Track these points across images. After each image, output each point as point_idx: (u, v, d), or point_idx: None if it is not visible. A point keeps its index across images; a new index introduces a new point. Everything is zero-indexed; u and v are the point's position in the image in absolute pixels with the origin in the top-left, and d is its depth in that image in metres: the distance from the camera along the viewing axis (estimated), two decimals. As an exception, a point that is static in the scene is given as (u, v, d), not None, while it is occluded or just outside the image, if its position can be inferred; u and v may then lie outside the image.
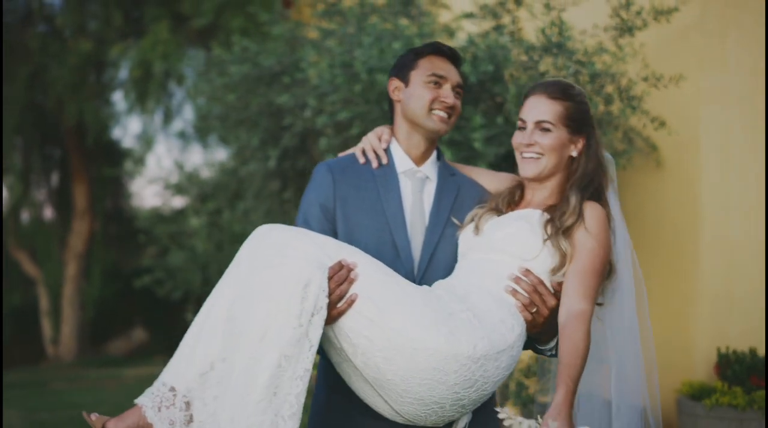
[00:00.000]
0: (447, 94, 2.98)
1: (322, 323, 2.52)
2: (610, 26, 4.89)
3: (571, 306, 2.73)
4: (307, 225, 2.93)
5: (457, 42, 5.24)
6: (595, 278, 2.80)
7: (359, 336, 2.59)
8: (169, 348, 2.61)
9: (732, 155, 5.79)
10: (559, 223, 2.83)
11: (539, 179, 2.96)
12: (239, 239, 6.95)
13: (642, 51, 5.09)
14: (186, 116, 11.15)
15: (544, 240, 2.81)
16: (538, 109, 2.91)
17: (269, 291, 2.49)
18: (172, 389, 2.56)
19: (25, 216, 15.39)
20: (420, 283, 2.90)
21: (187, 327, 2.69)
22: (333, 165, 3.02)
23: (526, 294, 2.79)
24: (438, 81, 2.97)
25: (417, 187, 3.02)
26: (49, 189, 15.44)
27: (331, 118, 4.90)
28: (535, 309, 2.80)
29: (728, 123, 5.79)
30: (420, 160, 3.05)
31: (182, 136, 10.47)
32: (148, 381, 2.74)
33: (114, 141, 13.66)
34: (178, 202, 10.32)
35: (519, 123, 2.96)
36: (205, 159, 9.01)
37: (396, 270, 2.84)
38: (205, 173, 9.52)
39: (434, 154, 3.10)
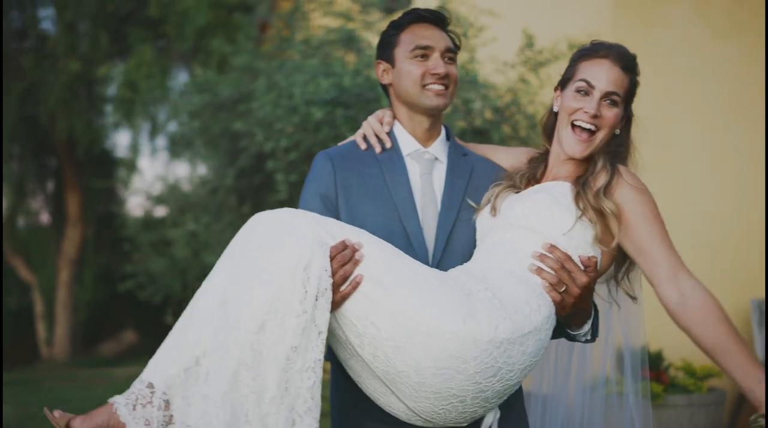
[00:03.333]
0: (436, 64, 2.70)
1: (329, 306, 2.28)
2: (517, 63, 5.64)
3: (688, 286, 2.45)
4: None
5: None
6: (669, 238, 2.54)
7: (366, 323, 2.32)
8: (153, 350, 2.40)
9: (643, 176, 6.50)
10: (593, 183, 2.55)
11: (585, 158, 2.65)
12: (212, 248, 7.63)
13: (546, 84, 5.83)
14: (171, 131, 11.90)
15: (579, 216, 2.53)
16: (611, 77, 2.58)
17: (266, 274, 2.25)
18: (150, 386, 2.29)
19: (21, 223, 15.95)
20: None
21: (168, 329, 2.43)
22: (332, 153, 2.79)
23: (552, 272, 2.49)
24: (424, 53, 2.71)
25: (426, 169, 2.77)
26: (45, 197, 16.05)
27: (276, 144, 5.63)
28: (564, 288, 2.49)
29: (639, 147, 6.50)
30: (427, 140, 2.80)
31: (168, 150, 11.22)
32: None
33: (106, 150, 14.31)
34: (161, 211, 11.01)
35: (580, 84, 2.61)
36: (191, 173, 9.74)
37: None
38: (186, 186, 10.23)
39: (443, 133, 2.85)
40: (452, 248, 2.71)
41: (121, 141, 13.13)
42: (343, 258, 2.34)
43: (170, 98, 7.46)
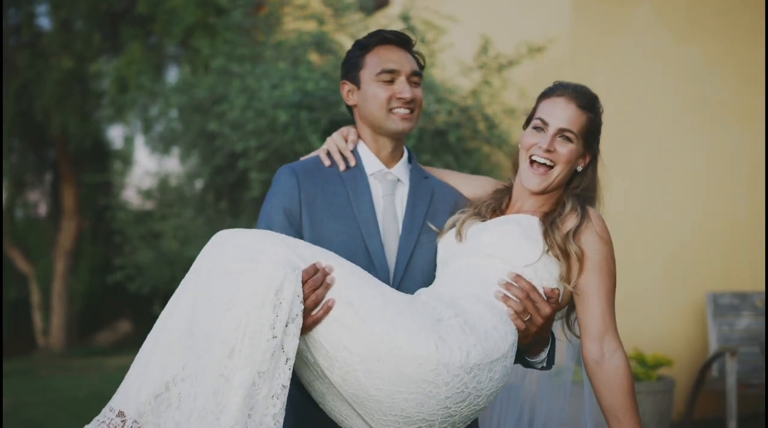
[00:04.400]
0: (402, 89, 2.72)
1: (298, 333, 2.26)
2: (474, 67, 5.92)
3: (610, 350, 2.54)
4: None
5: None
6: (613, 300, 2.61)
7: (338, 347, 2.30)
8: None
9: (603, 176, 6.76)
10: (561, 224, 2.61)
11: (543, 193, 2.73)
12: (192, 242, 7.91)
13: (508, 86, 6.10)
14: (160, 129, 12.18)
15: (546, 250, 2.58)
16: (565, 115, 2.67)
17: (237, 298, 2.21)
18: (121, 414, 2.25)
19: (19, 215, 16.26)
20: None
21: (154, 321, 2.41)
22: (296, 167, 2.78)
23: (518, 300, 2.54)
24: (391, 77, 2.73)
25: (388, 190, 2.79)
26: (42, 190, 16.34)
27: (246, 144, 5.92)
28: (528, 317, 2.54)
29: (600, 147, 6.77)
30: (390, 162, 2.82)
31: (151, 146, 11.49)
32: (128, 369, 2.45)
33: (100, 145, 14.59)
34: (150, 205, 11.28)
35: (536, 122, 2.70)
36: (178, 169, 10.03)
37: None
38: (175, 181, 10.49)
39: (405, 155, 2.87)
40: (413, 269, 2.73)
41: (114, 136, 13.39)
42: (315, 283, 2.31)
43: (160, 95, 7.72)
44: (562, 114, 2.66)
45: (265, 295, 2.21)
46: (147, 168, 16.78)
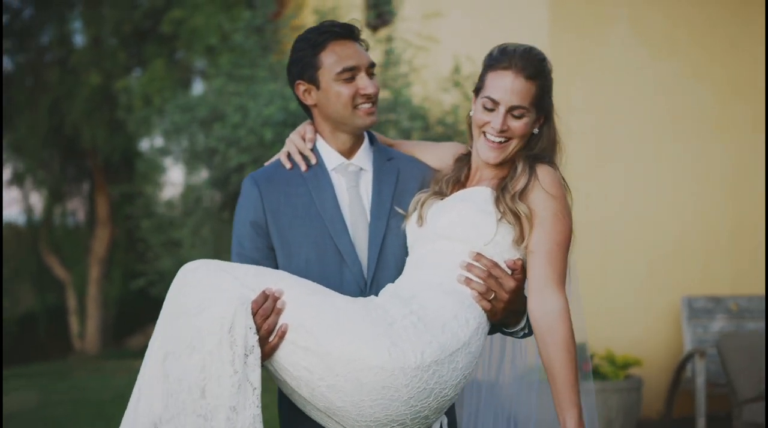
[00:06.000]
0: (365, 84, 2.68)
1: (259, 362, 2.35)
2: (449, 86, 6.35)
3: (547, 301, 2.47)
4: (241, 246, 2.71)
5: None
6: (564, 255, 2.53)
7: (298, 368, 2.38)
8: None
9: (572, 186, 7.11)
10: (511, 187, 2.54)
11: (502, 164, 2.63)
12: (200, 248, 8.40)
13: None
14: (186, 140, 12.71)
15: (499, 218, 2.53)
16: (514, 90, 2.55)
17: (197, 342, 2.32)
18: None
19: (56, 224, 16.94)
20: (371, 286, 2.67)
21: None
22: (258, 176, 2.76)
23: (481, 281, 2.51)
24: (351, 74, 2.67)
25: (352, 181, 2.74)
26: (81, 199, 17.03)
27: (239, 159, 6.41)
28: (492, 296, 2.51)
29: (570, 156, 7.12)
30: (350, 152, 2.76)
31: (172, 159, 12.04)
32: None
33: (128, 157, 15.24)
34: (174, 213, 11.82)
35: (485, 101, 2.57)
36: (189, 180, 10.55)
37: (343, 276, 2.66)
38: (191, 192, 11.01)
39: (365, 140, 2.81)
40: (385, 259, 2.69)
41: (142, 147, 14.00)
42: (265, 312, 2.37)
43: (169, 113, 8.24)
44: (511, 89, 2.55)
45: (220, 335, 2.32)
46: (171, 179, 17.36)
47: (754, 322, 7.01)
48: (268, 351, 2.38)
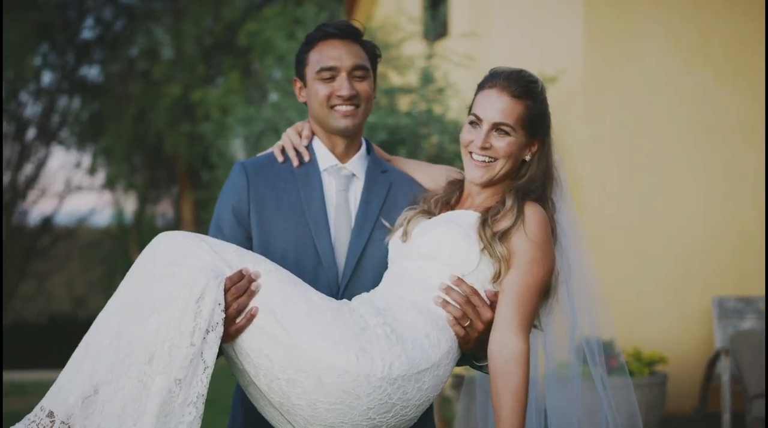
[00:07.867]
0: (341, 86, 2.61)
1: (218, 341, 2.23)
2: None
3: (507, 344, 2.36)
4: (220, 231, 2.64)
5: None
6: (534, 299, 2.45)
7: (260, 355, 2.27)
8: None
9: (607, 192, 7.50)
10: (493, 225, 2.47)
11: (488, 185, 2.59)
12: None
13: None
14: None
15: (481, 249, 2.46)
16: (498, 108, 2.50)
17: (159, 305, 2.20)
18: (51, 414, 2.23)
19: (144, 226, 17.95)
20: (344, 293, 2.61)
21: None
22: (248, 164, 2.70)
23: (458, 306, 2.43)
24: (330, 74, 2.62)
25: (342, 185, 2.69)
26: (170, 200, 18.01)
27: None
28: (468, 323, 2.44)
29: (606, 164, 7.51)
30: (345, 156, 2.71)
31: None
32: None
33: (208, 164, 16.15)
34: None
35: (471, 117, 2.56)
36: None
37: (318, 278, 2.59)
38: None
39: (363, 148, 2.77)
40: (363, 268, 2.64)
41: (215, 156, 14.87)
42: (238, 291, 2.28)
43: (232, 126, 8.91)
44: (495, 107, 2.51)
45: (186, 303, 2.20)
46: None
47: (783, 323, 7.25)
48: (232, 332, 2.28)
